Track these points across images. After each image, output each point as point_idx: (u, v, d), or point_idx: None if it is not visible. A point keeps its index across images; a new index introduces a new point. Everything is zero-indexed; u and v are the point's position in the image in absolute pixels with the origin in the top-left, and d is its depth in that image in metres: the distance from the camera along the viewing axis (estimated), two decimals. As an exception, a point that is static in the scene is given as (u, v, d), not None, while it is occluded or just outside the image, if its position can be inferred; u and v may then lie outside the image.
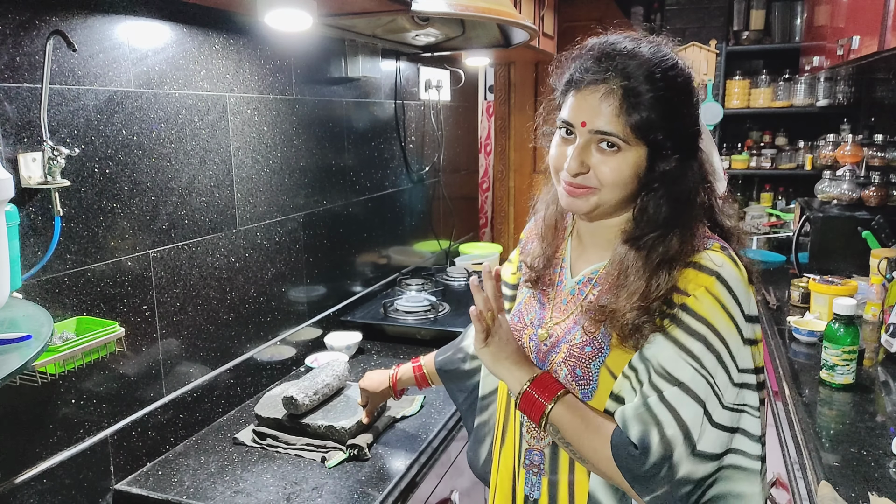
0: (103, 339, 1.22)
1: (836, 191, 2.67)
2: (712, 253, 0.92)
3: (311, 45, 2.00)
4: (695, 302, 0.90)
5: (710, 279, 0.90)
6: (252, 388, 1.79)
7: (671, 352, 0.90)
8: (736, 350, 0.90)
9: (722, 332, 0.89)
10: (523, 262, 1.14)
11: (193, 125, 1.56)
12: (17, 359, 0.82)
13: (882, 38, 1.78)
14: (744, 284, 0.92)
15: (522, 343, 1.07)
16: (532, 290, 1.10)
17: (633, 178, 0.93)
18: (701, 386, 0.89)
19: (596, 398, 0.96)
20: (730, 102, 4.05)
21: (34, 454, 1.22)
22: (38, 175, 1.18)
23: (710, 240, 0.95)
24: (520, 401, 0.97)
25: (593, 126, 0.92)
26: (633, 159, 0.92)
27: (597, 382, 0.95)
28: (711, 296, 0.90)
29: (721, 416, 0.89)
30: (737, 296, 0.90)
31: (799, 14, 3.89)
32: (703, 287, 0.90)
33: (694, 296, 0.90)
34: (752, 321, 0.92)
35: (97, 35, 1.30)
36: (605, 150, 0.92)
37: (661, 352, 0.91)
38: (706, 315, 0.89)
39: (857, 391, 1.55)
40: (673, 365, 0.90)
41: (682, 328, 0.90)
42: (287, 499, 1.31)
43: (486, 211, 3.60)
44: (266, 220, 1.83)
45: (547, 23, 3.46)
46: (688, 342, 0.89)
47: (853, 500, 1.14)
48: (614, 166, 0.92)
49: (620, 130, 0.90)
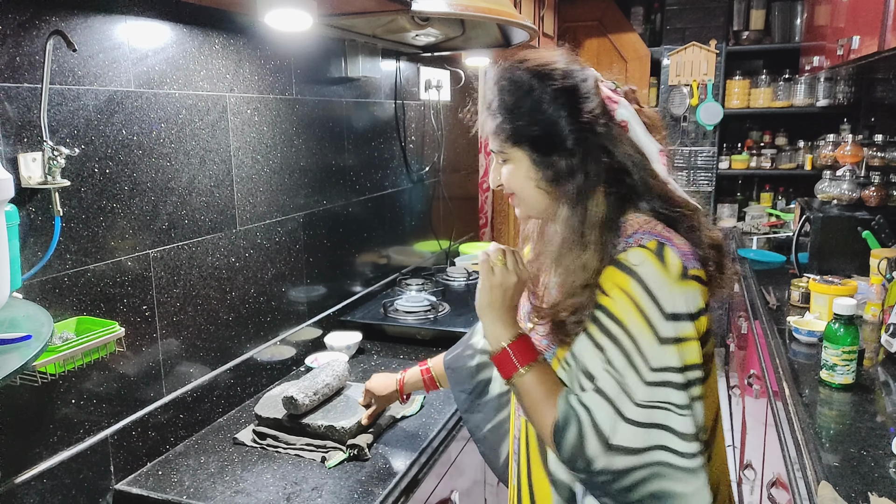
0: (103, 339, 1.22)
1: (836, 191, 2.66)
2: (638, 252, 0.93)
3: (311, 45, 2.00)
4: (610, 302, 0.93)
5: (625, 278, 0.92)
6: (252, 388, 1.79)
7: (589, 351, 0.95)
8: (648, 350, 0.91)
9: (633, 332, 0.91)
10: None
11: (193, 125, 1.56)
12: (17, 359, 0.82)
13: (882, 38, 1.78)
14: (668, 283, 0.91)
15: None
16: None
17: (528, 181, 1.01)
18: (610, 385, 0.92)
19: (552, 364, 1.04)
20: (730, 102, 4.05)
21: (34, 454, 1.22)
22: (38, 175, 1.18)
23: (647, 235, 0.94)
24: (497, 354, 1.02)
25: (490, 147, 1.06)
26: (520, 165, 1.01)
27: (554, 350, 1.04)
28: (626, 295, 0.92)
29: (634, 413, 0.91)
30: (654, 296, 0.91)
31: (799, 14, 3.89)
32: (618, 287, 0.93)
33: (610, 295, 0.93)
34: (677, 319, 0.91)
35: (97, 35, 1.30)
36: (501, 163, 1.05)
37: (583, 350, 0.96)
38: (619, 315, 0.92)
39: (857, 391, 1.55)
40: (590, 363, 0.94)
41: (598, 327, 0.94)
42: (287, 499, 1.31)
43: (486, 211, 3.60)
44: (266, 220, 1.83)
45: (547, 23, 3.47)
46: (602, 341, 0.93)
47: (853, 500, 1.14)
48: (508, 174, 1.03)
49: (498, 145, 1.02)
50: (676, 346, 0.91)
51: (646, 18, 4.30)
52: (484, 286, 1.04)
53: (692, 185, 4.19)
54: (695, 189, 4.19)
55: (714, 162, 4.13)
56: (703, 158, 4.14)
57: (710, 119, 4.02)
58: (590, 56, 4.25)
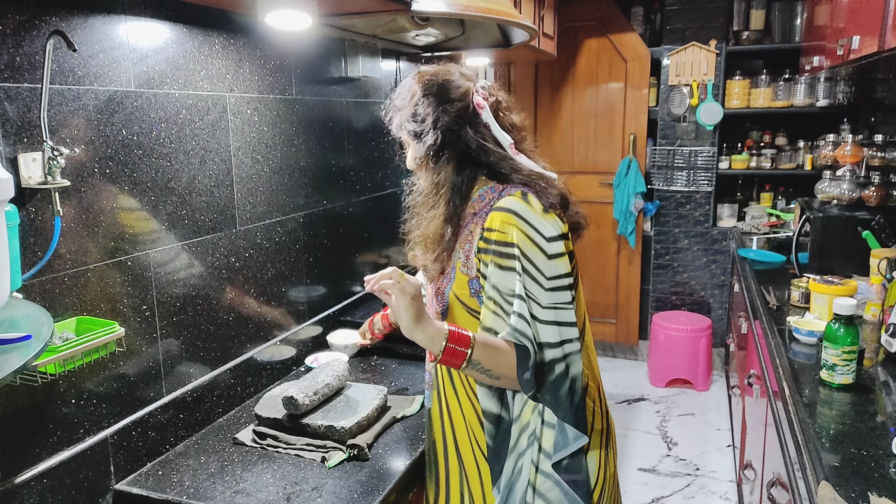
0: (103, 339, 1.22)
1: (836, 191, 2.66)
2: (510, 198, 1.23)
3: (311, 45, 2.00)
4: (502, 235, 1.20)
5: (507, 216, 1.20)
6: (252, 388, 1.79)
7: (503, 275, 1.19)
8: (542, 265, 1.19)
9: (528, 253, 1.19)
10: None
11: (193, 125, 1.56)
12: (17, 359, 0.82)
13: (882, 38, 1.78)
14: (538, 215, 1.21)
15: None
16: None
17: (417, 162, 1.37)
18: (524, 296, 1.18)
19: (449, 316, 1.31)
20: (730, 102, 4.05)
21: (34, 454, 1.22)
22: (38, 175, 1.18)
23: (513, 188, 1.25)
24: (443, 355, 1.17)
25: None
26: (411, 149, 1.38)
27: (447, 302, 1.30)
28: (514, 227, 1.19)
29: (544, 314, 1.19)
30: (533, 225, 1.20)
31: (799, 14, 3.88)
32: (504, 222, 1.20)
33: (500, 231, 1.20)
34: (552, 240, 1.21)
35: (97, 35, 1.30)
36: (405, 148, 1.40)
37: (499, 279, 1.20)
38: (515, 241, 1.19)
39: (857, 391, 1.55)
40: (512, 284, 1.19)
41: (502, 256, 1.19)
42: (287, 499, 1.31)
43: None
44: (266, 220, 1.83)
45: (547, 23, 3.46)
46: (509, 263, 1.19)
47: (853, 500, 1.14)
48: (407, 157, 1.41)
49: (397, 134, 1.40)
50: (557, 259, 1.21)
51: (646, 18, 4.30)
52: (402, 305, 1.16)
53: (692, 186, 4.19)
54: (695, 189, 4.19)
55: (714, 162, 4.13)
56: (703, 158, 4.14)
57: (710, 119, 4.01)
58: (590, 56, 4.25)
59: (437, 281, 1.34)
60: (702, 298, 4.32)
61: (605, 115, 4.29)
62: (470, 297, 1.27)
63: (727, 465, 3.12)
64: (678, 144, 4.19)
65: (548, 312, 1.20)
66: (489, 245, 1.21)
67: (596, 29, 4.18)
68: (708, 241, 4.25)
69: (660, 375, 3.96)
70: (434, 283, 1.35)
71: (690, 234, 4.27)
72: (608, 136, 4.30)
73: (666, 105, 4.17)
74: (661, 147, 4.22)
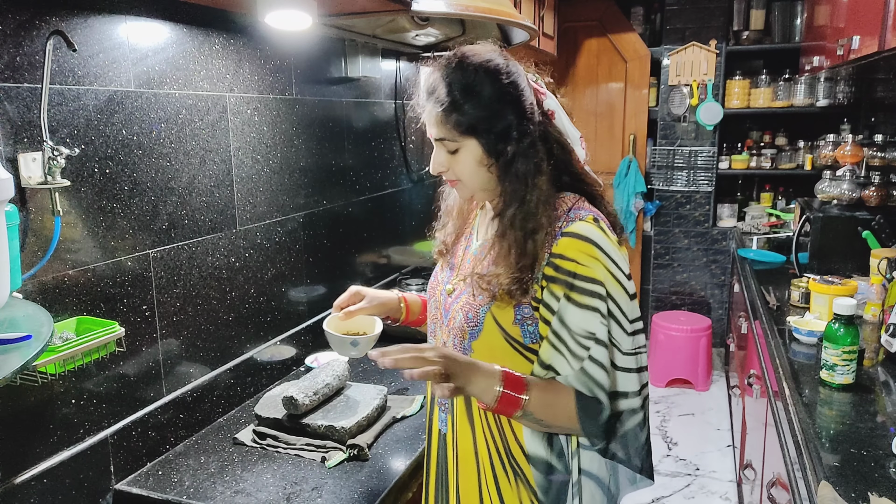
0: (103, 339, 1.22)
1: (836, 191, 2.66)
2: (586, 224, 1.07)
3: (311, 45, 2.00)
4: (584, 269, 1.04)
5: (588, 246, 1.05)
6: (252, 388, 1.79)
7: (581, 315, 1.04)
8: (626, 306, 1.06)
9: (614, 294, 1.05)
10: (441, 239, 1.30)
11: (193, 125, 1.56)
12: (17, 359, 0.82)
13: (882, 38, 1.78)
14: (617, 249, 1.07)
15: (435, 297, 1.24)
16: (441, 259, 1.29)
17: (478, 166, 1.09)
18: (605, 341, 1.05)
19: (481, 339, 1.12)
20: (730, 102, 4.05)
21: (34, 454, 1.22)
22: (38, 175, 1.18)
23: (583, 211, 1.09)
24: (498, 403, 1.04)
25: (432, 135, 1.11)
26: (470, 151, 1.09)
27: (482, 325, 1.11)
28: (598, 262, 1.04)
29: (624, 361, 1.07)
30: (615, 260, 1.06)
31: (799, 14, 3.88)
32: (585, 254, 1.05)
33: (580, 263, 1.04)
34: (629, 278, 1.08)
35: (97, 35, 1.30)
36: (448, 151, 1.10)
37: (574, 317, 1.04)
38: (601, 279, 1.04)
39: (857, 391, 1.55)
40: (589, 324, 1.04)
41: (583, 294, 1.04)
42: (287, 499, 1.31)
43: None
44: (266, 220, 1.83)
45: (547, 23, 3.47)
46: (591, 302, 1.04)
47: (853, 500, 1.14)
48: (458, 161, 1.10)
49: (447, 133, 1.08)
50: (635, 300, 1.09)
51: (646, 18, 4.30)
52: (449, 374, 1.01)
53: (692, 185, 4.19)
54: (695, 189, 4.19)
55: (714, 162, 4.13)
56: (703, 158, 4.14)
57: (710, 119, 4.02)
58: (590, 56, 4.25)
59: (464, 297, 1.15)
60: (702, 298, 4.32)
61: (605, 115, 4.29)
62: (512, 324, 1.10)
63: (727, 465, 3.12)
64: (678, 144, 4.19)
65: (629, 359, 1.08)
66: (560, 275, 1.05)
67: (596, 29, 4.19)
68: (708, 241, 4.25)
69: (660, 375, 3.96)
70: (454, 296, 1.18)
71: (690, 234, 4.27)
72: (608, 135, 4.30)
73: (666, 105, 4.17)
74: (661, 147, 4.22)
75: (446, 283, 1.22)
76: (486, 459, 1.15)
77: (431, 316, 1.27)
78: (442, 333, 1.21)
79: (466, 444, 1.18)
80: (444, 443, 1.23)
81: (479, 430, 1.16)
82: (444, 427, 1.23)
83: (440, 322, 1.22)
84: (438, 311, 1.23)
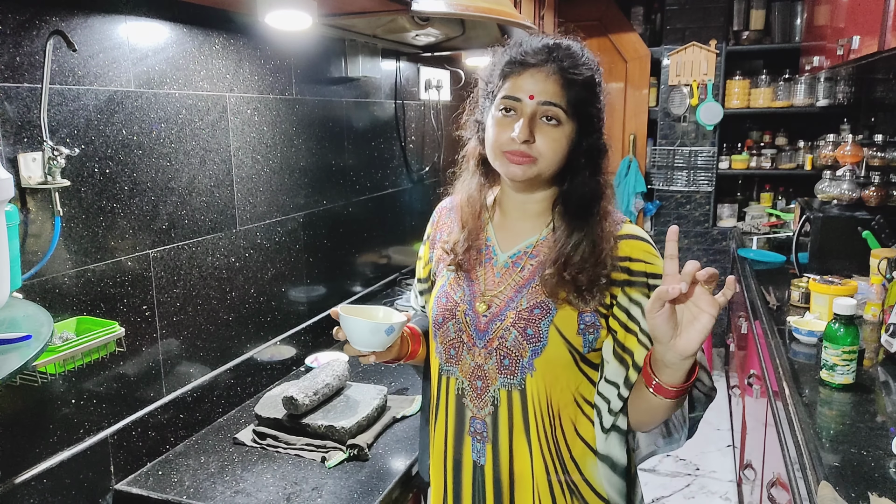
0: (103, 339, 1.22)
1: (836, 191, 2.66)
2: (630, 225, 1.09)
3: (311, 45, 2.00)
4: (653, 267, 1.05)
5: (647, 246, 1.07)
6: (252, 388, 1.79)
7: None
8: None
9: None
10: (444, 248, 1.19)
11: (193, 125, 1.56)
12: (17, 359, 0.82)
13: (882, 38, 1.78)
14: None
15: (457, 318, 1.12)
16: (456, 272, 1.16)
17: (565, 152, 1.05)
18: None
19: (545, 353, 1.05)
20: (730, 102, 4.05)
21: (34, 454, 1.22)
22: (38, 175, 1.18)
23: (617, 213, 1.10)
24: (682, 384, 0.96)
25: (541, 98, 1.02)
26: (568, 133, 1.04)
27: (546, 339, 1.05)
28: (658, 258, 1.06)
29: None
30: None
31: (799, 14, 3.88)
32: (649, 254, 1.06)
33: (647, 262, 1.05)
34: None
35: (97, 35, 1.30)
36: (546, 122, 1.03)
37: None
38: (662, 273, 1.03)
39: (857, 391, 1.55)
40: None
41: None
42: (287, 499, 1.31)
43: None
44: (266, 220, 1.83)
45: (547, 23, 3.47)
46: None
47: (853, 500, 1.14)
48: (555, 137, 1.03)
49: (563, 103, 1.02)
50: None
51: (646, 18, 4.30)
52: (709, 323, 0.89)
53: (692, 186, 4.19)
54: (695, 189, 4.19)
55: (714, 162, 4.13)
56: (703, 158, 4.14)
57: (710, 119, 4.01)
58: (590, 56, 4.25)
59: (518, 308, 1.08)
60: (702, 298, 4.31)
61: (606, 114, 4.28)
62: (576, 333, 1.05)
63: (727, 465, 3.12)
64: (678, 144, 4.19)
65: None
66: (636, 277, 1.04)
67: (596, 29, 4.18)
68: (708, 241, 4.25)
69: (660, 375, 3.95)
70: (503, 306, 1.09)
71: (690, 234, 4.27)
72: (608, 135, 4.30)
73: (666, 105, 4.17)
74: (661, 147, 4.22)
75: (471, 302, 1.11)
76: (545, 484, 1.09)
77: (449, 340, 1.13)
78: (474, 357, 1.10)
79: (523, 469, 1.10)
80: (482, 474, 1.13)
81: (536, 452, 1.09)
82: (482, 459, 1.12)
83: (470, 345, 1.10)
84: (465, 334, 1.11)
